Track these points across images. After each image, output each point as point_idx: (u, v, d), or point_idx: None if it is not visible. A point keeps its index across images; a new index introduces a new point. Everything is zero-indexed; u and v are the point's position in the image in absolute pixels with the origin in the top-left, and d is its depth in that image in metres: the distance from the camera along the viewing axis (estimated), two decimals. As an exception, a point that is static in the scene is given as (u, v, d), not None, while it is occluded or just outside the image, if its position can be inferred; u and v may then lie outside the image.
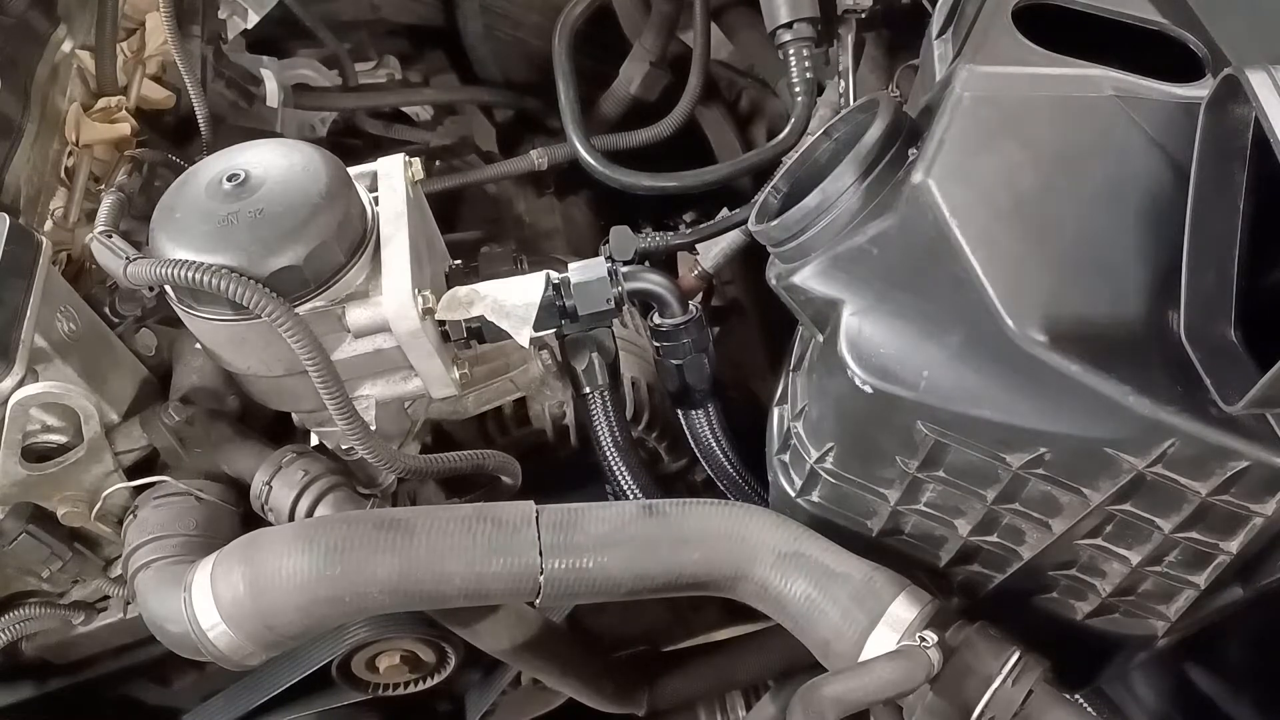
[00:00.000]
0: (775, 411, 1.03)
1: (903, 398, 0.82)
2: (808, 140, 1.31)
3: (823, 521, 0.96)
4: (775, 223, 0.89)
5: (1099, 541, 0.87)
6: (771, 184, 0.98)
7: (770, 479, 1.03)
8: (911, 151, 0.84)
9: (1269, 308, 0.75)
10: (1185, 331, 0.76)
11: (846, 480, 0.92)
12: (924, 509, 0.91)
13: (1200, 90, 0.78)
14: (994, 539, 0.90)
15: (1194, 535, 0.83)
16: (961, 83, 0.82)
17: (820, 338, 0.89)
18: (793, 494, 0.97)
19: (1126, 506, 0.83)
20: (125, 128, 1.27)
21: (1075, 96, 0.83)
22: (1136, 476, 0.79)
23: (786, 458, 0.98)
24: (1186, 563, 0.86)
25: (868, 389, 0.83)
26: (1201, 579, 0.86)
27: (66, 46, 1.27)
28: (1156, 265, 0.79)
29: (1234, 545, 0.82)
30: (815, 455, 0.92)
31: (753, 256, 1.58)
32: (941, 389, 0.81)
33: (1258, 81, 0.69)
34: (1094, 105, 0.82)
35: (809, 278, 0.87)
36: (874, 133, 0.85)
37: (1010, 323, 0.77)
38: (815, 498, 0.95)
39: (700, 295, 1.55)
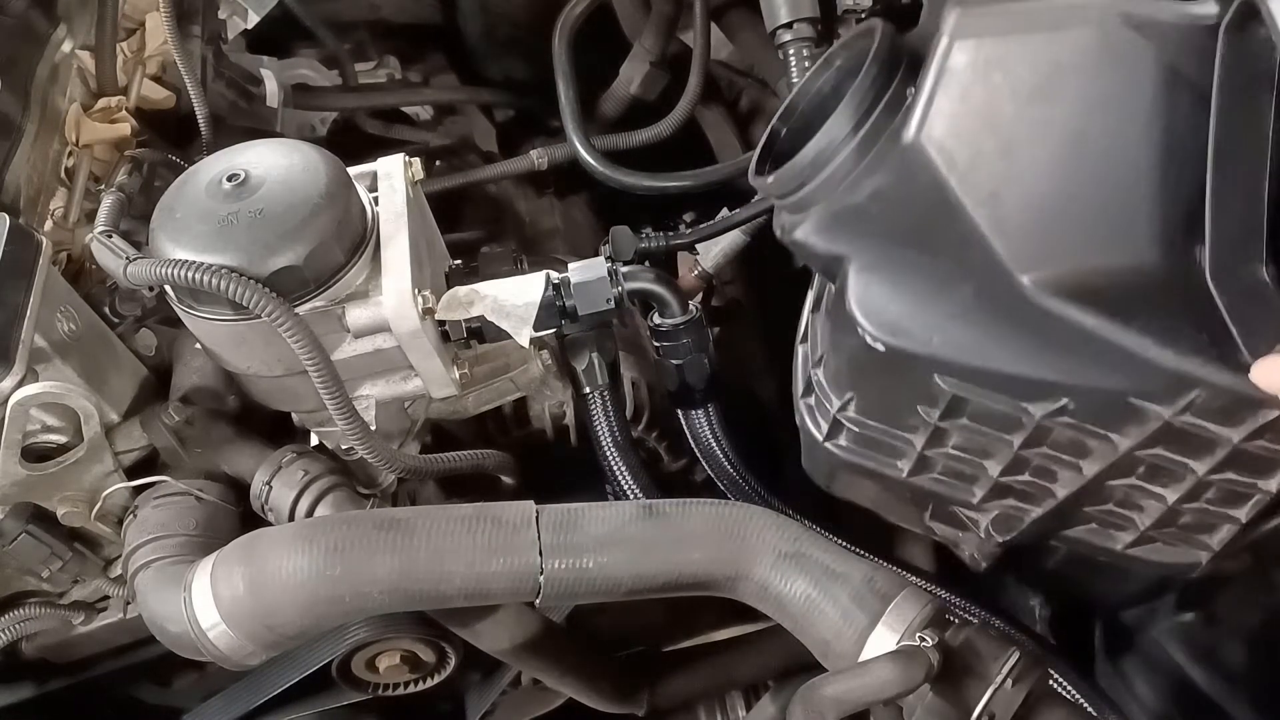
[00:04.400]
0: (799, 351, 1.00)
1: (917, 354, 0.79)
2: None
3: (854, 465, 0.94)
4: (771, 179, 0.85)
5: (1133, 481, 0.84)
6: (771, 122, 0.92)
7: (798, 422, 0.99)
8: (909, 91, 0.78)
9: None
10: (1211, 274, 0.71)
11: (870, 428, 0.90)
12: (952, 452, 0.88)
13: (1217, 6, 0.71)
14: (1026, 477, 0.88)
15: (1229, 476, 0.80)
16: (950, 29, 0.75)
17: (832, 287, 0.86)
18: (820, 438, 0.94)
19: (1157, 450, 0.79)
20: (125, 128, 1.27)
21: (1076, 31, 0.75)
22: (1164, 425, 0.76)
23: (812, 401, 0.95)
24: (1224, 500, 0.83)
25: (880, 347, 0.80)
26: (1242, 514, 0.83)
27: (66, 46, 1.27)
28: (1178, 204, 0.73)
29: (1273, 485, 0.79)
30: (837, 405, 0.90)
31: (753, 256, 1.58)
32: (955, 343, 0.78)
33: (1276, 6, 0.62)
34: (1098, 39, 0.74)
35: (810, 233, 0.83)
36: (864, 79, 0.79)
37: (1021, 278, 0.73)
38: (842, 442, 0.93)
39: (700, 295, 1.55)
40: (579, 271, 1.06)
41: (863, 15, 1.40)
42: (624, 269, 1.10)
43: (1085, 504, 0.88)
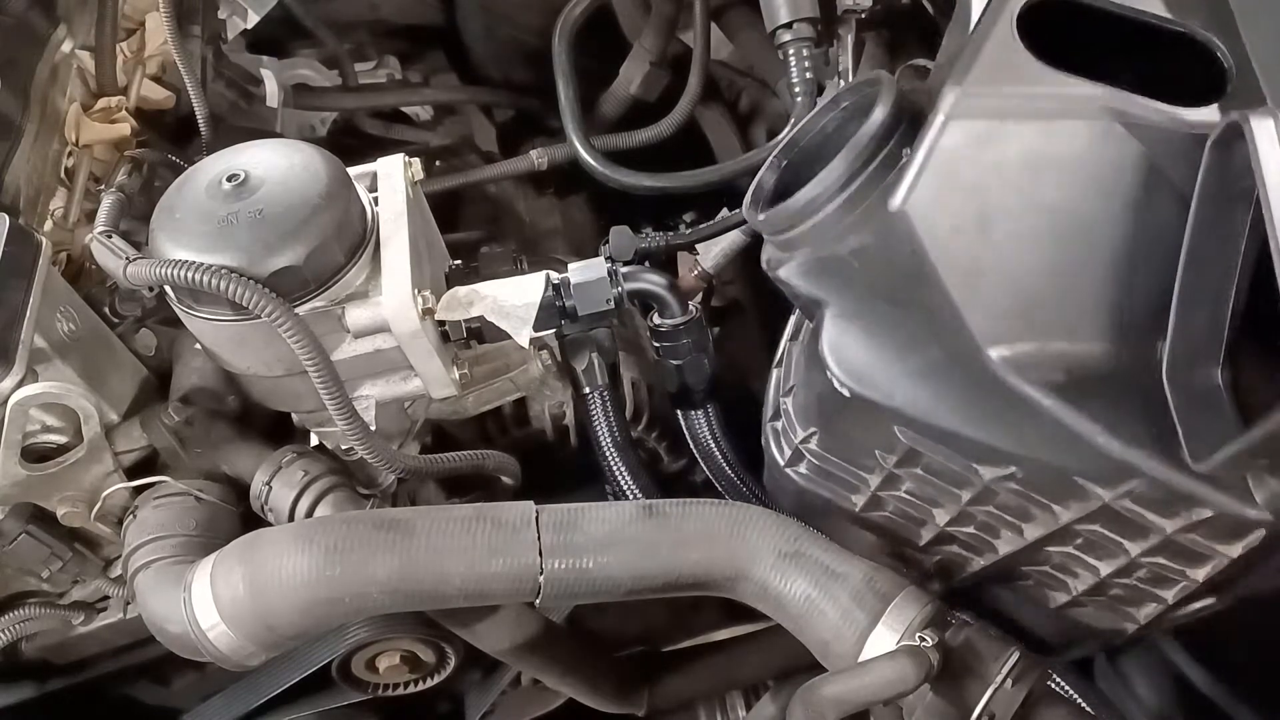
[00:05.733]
0: (773, 374, 1.04)
1: (880, 404, 0.83)
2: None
3: (810, 493, 0.98)
4: (763, 218, 0.89)
5: (1070, 550, 0.87)
6: (771, 155, 0.96)
7: (763, 443, 1.04)
8: (906, 151, 0.81)
9: (1263, 353, 0.73)
10: (1167, 372, 0.74)
11: (829, 462, 0.94)
12: (904, 495, 0.92)
13: (1211, 116, 0.75)
14: (971, 530, 0.92)
15: (1161, 561, 0.83)
16: (948, 107, 0.78)
17: (810, 324, 0.90)
18: (782, 463, 0.99)
19: (1095, 528, 0.83)
20: (125, 128, 1.27)
21: (1070, 122, 0.78)
22: (1104, 506, 0.79)
23: (779, 426, 0.99)
24: (1154, 581, 0.86)
25: (845, 392, 0.84)
26: (1169, 596, 0.86)
27: (66, 46, 1.27)
28: (1145, 300, 0.76)
29: (1200, 575, 0.82)
30: (801, 436, 0.94)
31: (753, 257, 1.58)
32: (917, 401, 0.82)
33: (1260, 130, 0.64)
34: (1090, 131, 0.77)
35: (794, 274, 0.88)
36: (862, 137, 0.82)
37: (985, 351, 0.77)
38: (802, 470, 0.97)
39: (700, 295, 1.55)
40: (579, 272, 1.06)
41: (863, 15, 1.40)
42: (624, 269, 1.10)
43: (1024, 563, 0.92)
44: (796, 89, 1.38)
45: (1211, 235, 0.72)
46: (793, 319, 1.04)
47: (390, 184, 1.08)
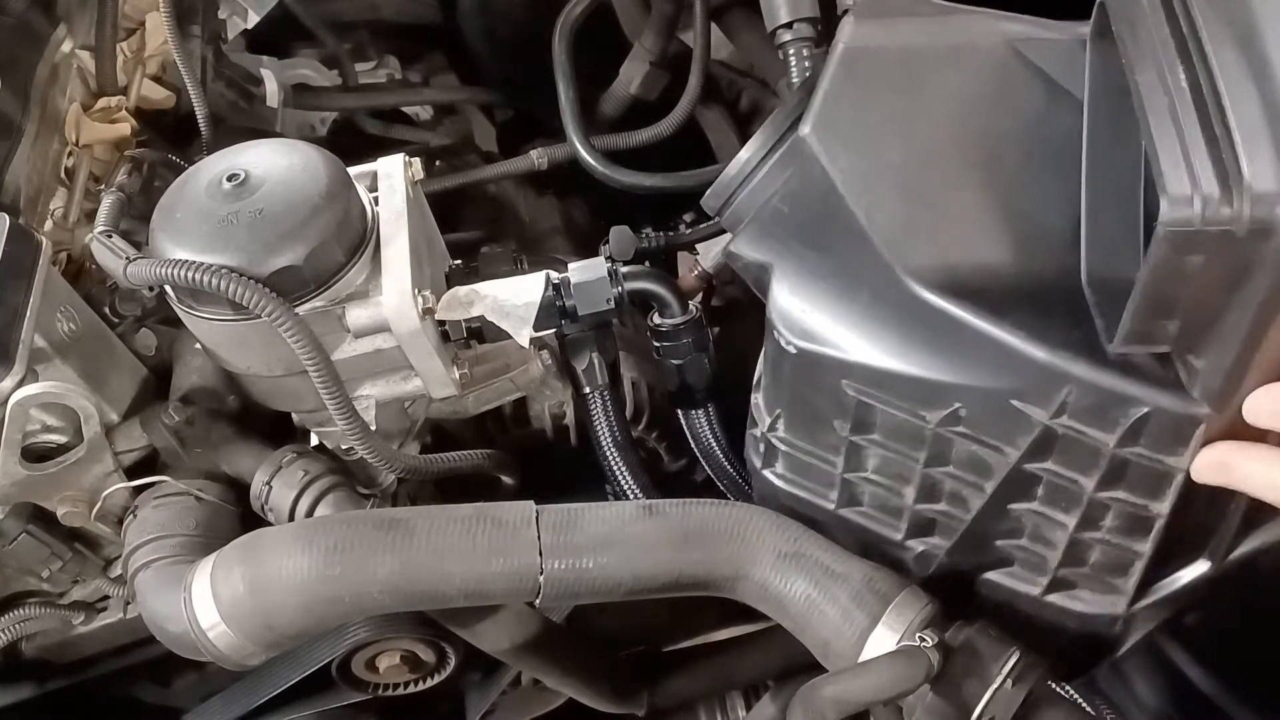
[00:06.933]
0: (753, 397, 1.04)
1: (823, 355, 0.83)
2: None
3: (789, 495, 0.97)
4: (709, 190, 0.92)
5: (1035, 506, 0.85)
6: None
7: (746, 459, 1.04)
8: None
9: None
10: (1087, 277, 0.74)
11: (795, 448, 0.93)
12: (871, 477, 0.91)
13: None
14: (941, 507, 0.90)
15: (1120, 496, 0.80)
16: (845, 35, 0.83)
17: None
18: (759, 466, 0.98)
19: (1047, 465, 0.81)
20: (125, 128, 1.27)
21: (964, 43, 0.82)
22: (1046, 430, 0.77)
23: (757, 432, 0.99)
24: (1123, 528, 0.83)
25: (792, 349, 0.85)
26: (1145, 546, 0.83)
27: (66, 46, 1.27)
28: (1061, 210, 0.76)
29: (1164, 506, 0.79)
30: (767, 423, 0.94)
31: (753, 256, 1.57)
32: (857, 345, 0.82)
33: (1123, 6, 0.65)
34: (985, 50, 0.81)
35: (742, 244, 0.90)
36: (794, 95, 0.86)
37: (901, 272, 0.78)
38: (779, 469, 0.97)
39: (700, 295, 1.55)
40: (579, 271, 1.06)
41: (863, 15, 1.40)
42: (624, 269, 1.10)
43: (998, 535, 0.89)
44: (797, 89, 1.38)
45: (1107, 133, 0.73)
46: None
47: (390, 184, 1.08)
